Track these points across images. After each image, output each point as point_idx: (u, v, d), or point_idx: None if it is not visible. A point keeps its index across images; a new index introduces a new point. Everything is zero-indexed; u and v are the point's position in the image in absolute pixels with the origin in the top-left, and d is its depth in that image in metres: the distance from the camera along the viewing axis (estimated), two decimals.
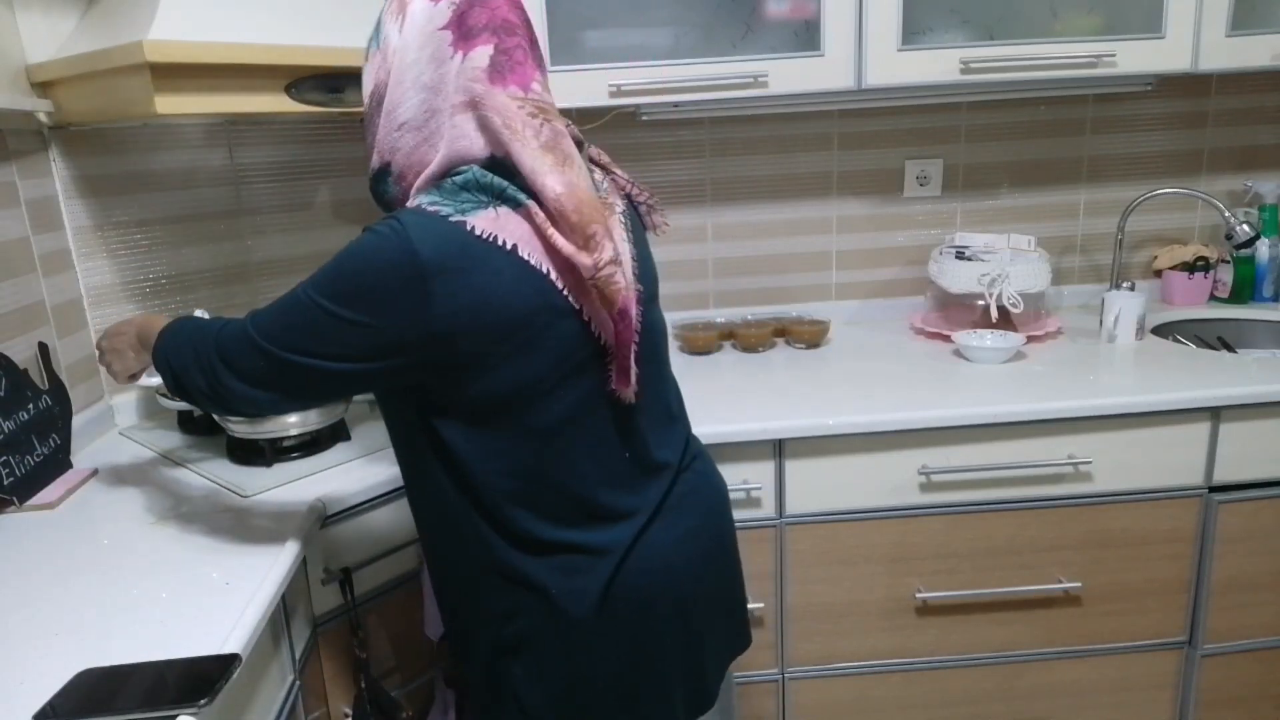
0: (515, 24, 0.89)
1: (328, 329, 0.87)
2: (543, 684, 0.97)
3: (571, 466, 0.94)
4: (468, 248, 0.84)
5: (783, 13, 1.62)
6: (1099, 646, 1.62)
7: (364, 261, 0.85)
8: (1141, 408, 1.49)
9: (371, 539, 1.29)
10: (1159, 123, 2.04)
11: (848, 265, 2.09)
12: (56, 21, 1.43)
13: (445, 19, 0.87)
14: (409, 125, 0.89)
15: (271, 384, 0.91)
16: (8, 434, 1.25)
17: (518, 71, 0.87)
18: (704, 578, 1.04)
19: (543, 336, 0.88)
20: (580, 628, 0.95)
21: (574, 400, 0.92)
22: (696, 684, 1.04)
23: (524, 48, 0.89)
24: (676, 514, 1.02)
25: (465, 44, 0.87)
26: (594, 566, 0.95)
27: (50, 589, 1.00)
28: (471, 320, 0.84)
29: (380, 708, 1.26)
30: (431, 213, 0.85)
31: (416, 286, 0.83)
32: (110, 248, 1.57)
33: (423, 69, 0.88)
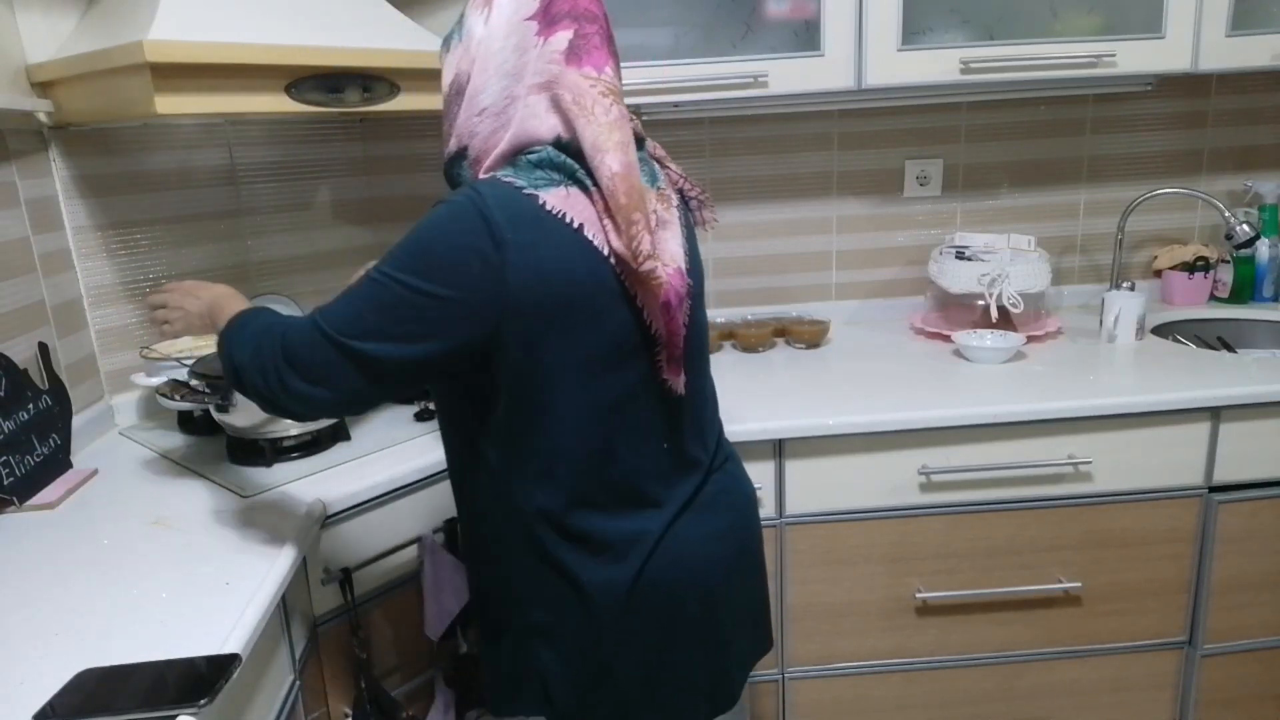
0: (595, 14, 0.93)
1: (405, 306, 0.87)
2: (569, 669, 0.98)
3: (613, 452, 0.95)
4: (539, 220, 0.88)
5: (783, 13, 1.62)
6: (1099, 646, 1.62)
7: (441, 231, 0.87)
8: (1141, 408, 1.49)
9: (371, 539, 1.29)
10: (1159, 123, 2.04)
11: (848, 265, 2.09)
12: (56, 21, 1.43)
13: (532, 9, 0.91)
14: (489, 111, 0.93)
15: (334, 381, 0.91)
16: (8, 434, 1.25)
17: (593, 55, 0.91)
18: (731, 577, 1.05)
19: (600, 318, 0.91)
20: (608, 616, 0.97)
21: (622, 386, 0.94)
22: (720, 682, 1.06)
23: (600, 35, 0.93)
24: (708, 512, 1.04)
25: (548, 30, 0.91)
26: (625, 555, 0.97)
27: (50, 589, 1.00)
28: (542, 291, 0.87)
29: (380, 708, 1.26)
30: (506, 183, 0.89)
31: (492, 253, 0.85)
32: (110, 248, 1.57)
33: (506, 57, 0.91)
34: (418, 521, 1.36)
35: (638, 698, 1.00)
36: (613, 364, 0.93)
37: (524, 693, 1.02)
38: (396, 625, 1.35)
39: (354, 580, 1.24)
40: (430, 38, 1.54)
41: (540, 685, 1.00)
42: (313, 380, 0.91)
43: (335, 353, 0.89)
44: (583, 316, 0.90)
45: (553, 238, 0.88)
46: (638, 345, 0.94)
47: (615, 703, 1.00)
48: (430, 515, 1.37)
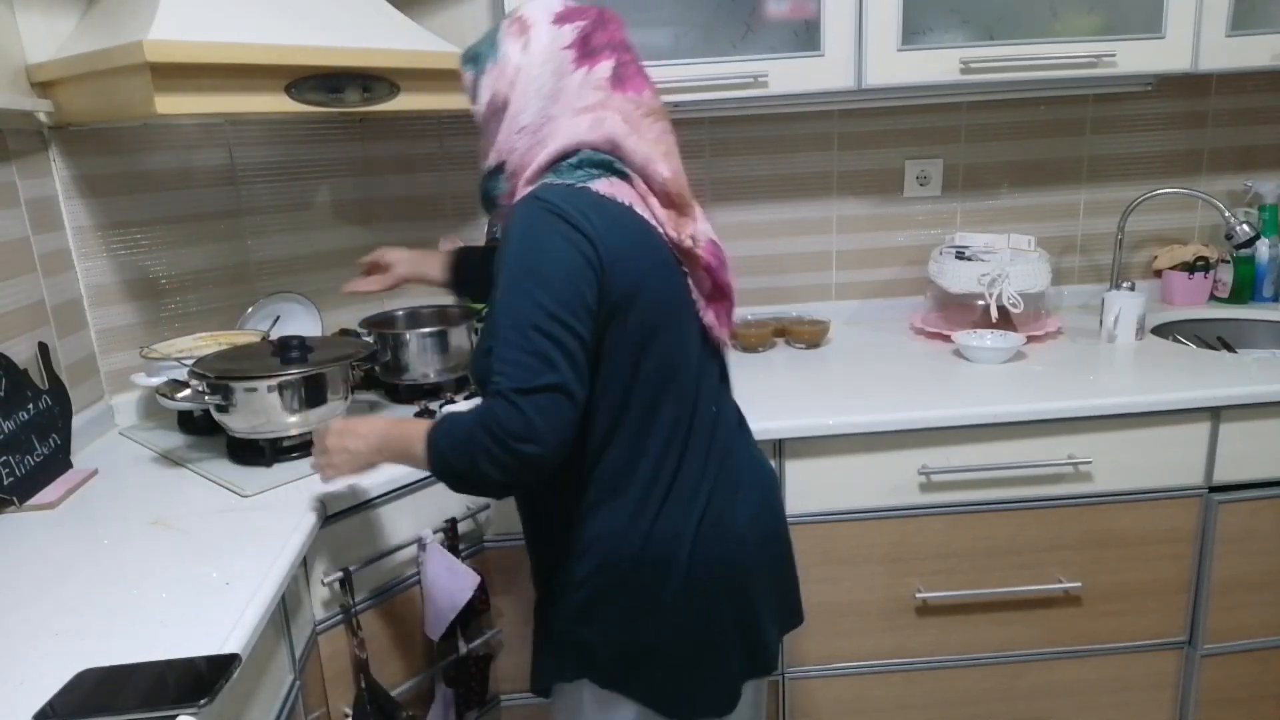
0: (629, 44, 1.07)
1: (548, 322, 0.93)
2: (612, 640, 1.05)
3: (665, 415, 1.03)
4: (598, 204, 0.99)
5: (783, 13, 1.62)
6: (1099, 646, 1.62)
7: (529, 238, 0.97)
8: (1141, 408, 1.49)
9: (371, 539, 1.30)
10: (1159, 123, 2.04)
11: (848, 265, 2.09)
12: (56, 21, 1.43)
13: (569, 40, 1.03)
14: (528, 129, 1.04)
15: (565, 418, 0.94)
16: (8, 434, 1.25)
17: (634, 80, 1.04)
18: (763, 550, 1.12)
19: (663, 281, 1.02)
20: (651, 588, 1.03)
21: (677, 348, 1.04)
22: (753, 646, 1.12)
23: (635, 64, 1.06)
24: (744, 486, 1.11)
25: (590, 60, 1.03)
26: (670, 527, 1.03)
27: (50, 589, 1.00)
28: (619, 260, 0.98)
29: (380, 708, 1.26)
30: (558, 184, 1.00)
31: (575, 234, 0.96)
32: (110, 248, 1.57)
33: (545, 81, 1.02)
34: (418, 521, 1.36)
35: (675, 669, 1.06)
36: (674, 323, 1.04)
37: (566, 663, 1.08)
38: (396, 625, 1.35)
39: (354, 580, 1.24)
40: (430, 38, 1.54)
41: (583, 651, 1.07)
42: (530, 440, 0.91)
43: (527, 402, 0.91)
44: (655, 276, 1.01)
45: (614, 216, 0.99)
46: (688, 307, 1.06)
47: (655, 672, 1.06)
48: (430, 515, 1.37)
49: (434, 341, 1.63)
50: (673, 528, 1.04)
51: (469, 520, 1.44)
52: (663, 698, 1.07)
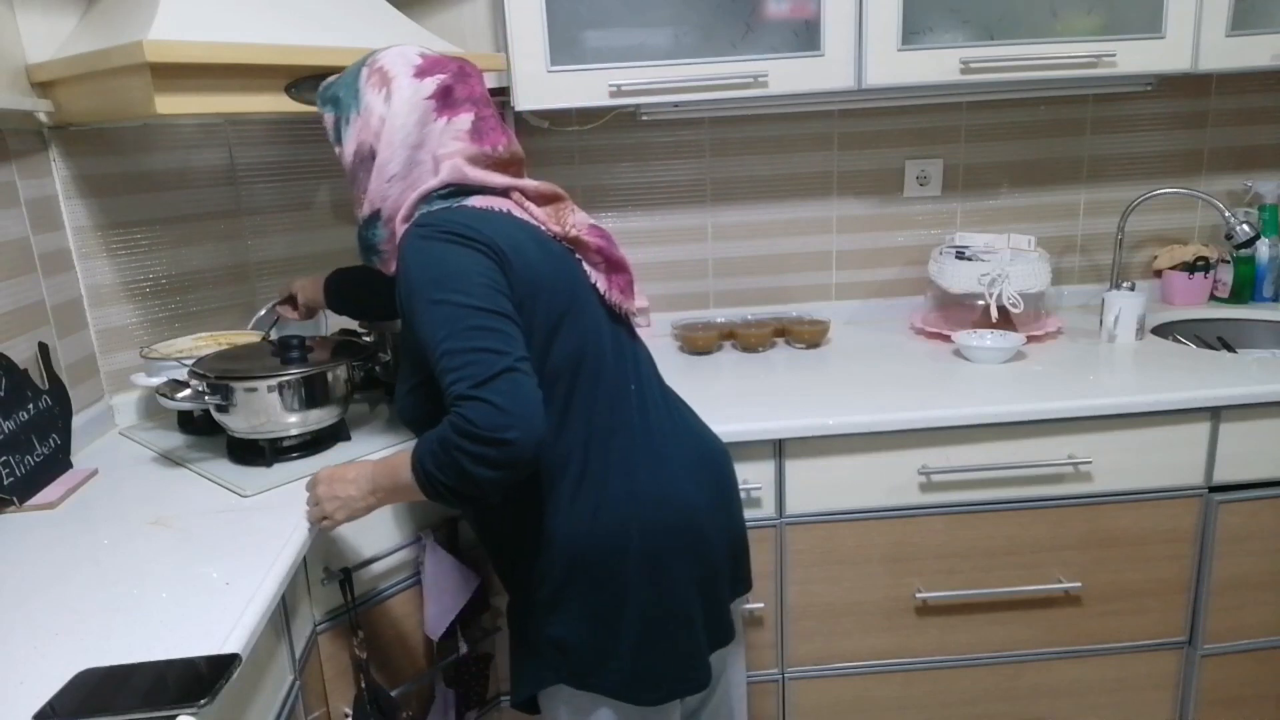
0: (487, 99, 1.13)
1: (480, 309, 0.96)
2: (578, 631, 1.07)
3: (586, 403, 1.06)
4: (479, 217, 1.04)
5: (783, 13, 1.62)
6: (1099, 646, 1.62)
7: (425, 262, 1.00)
8: (1141, 408, 1.49)
9: (371, 539, 1.29)
10: (1159, 123, 2.04)
11: (848, 265, 2.09)
12: (56, 21, 1.43)
13: (431, 90, 1.07)
14: (396, 177, 1.08)
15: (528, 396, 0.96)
16: (8, 434, 1.25)
17: (491, 136, 1.10)
18: (715, 520, 1.14)
19: (559, 270, 1.06)
20: (604, 571, 1.05)
21: (586, 332, 1.07)
22: (718, 615, 1.15)
23: (494, 116, 1.12)
24: (689, 462, 1.13)
25: (450, 111, 1.08)
26: (613, 510, 1.05)
27: (50, 589, 1.00)
28: (515, 252, 1.02)
29: (380, 708, 1.26)
30: (435, 210, 1.06)
31: (468, 241, 1.00)
32: (110, 248, 1.57)
33: (410, 131, 1.07)
34: (418, 521, 1.36)
35: (646, 646, 1.07)
36: (578, 310, 1.07)
37: (543, 664, 1.10)
38: (396, 625, 1.35)
39: (354, 580, 1.24)
40: (431, 38, 1.54)
41: (555, 651, 1.08)
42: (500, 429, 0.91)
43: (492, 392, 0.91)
44: (550, 267, 1.05)
45: (497, 225, 1.04)
46: (589, 291, 1.10)
47: (626, 652, 1.06)
48: (430, 515, 1.37)
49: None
50: (617, 506, 1.06)
51: None
52: (637, 684, 1.07)
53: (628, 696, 1.08)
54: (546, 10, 1.58)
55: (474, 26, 1.72)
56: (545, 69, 1.60)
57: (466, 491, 0.95)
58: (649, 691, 1.08)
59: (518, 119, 1.92)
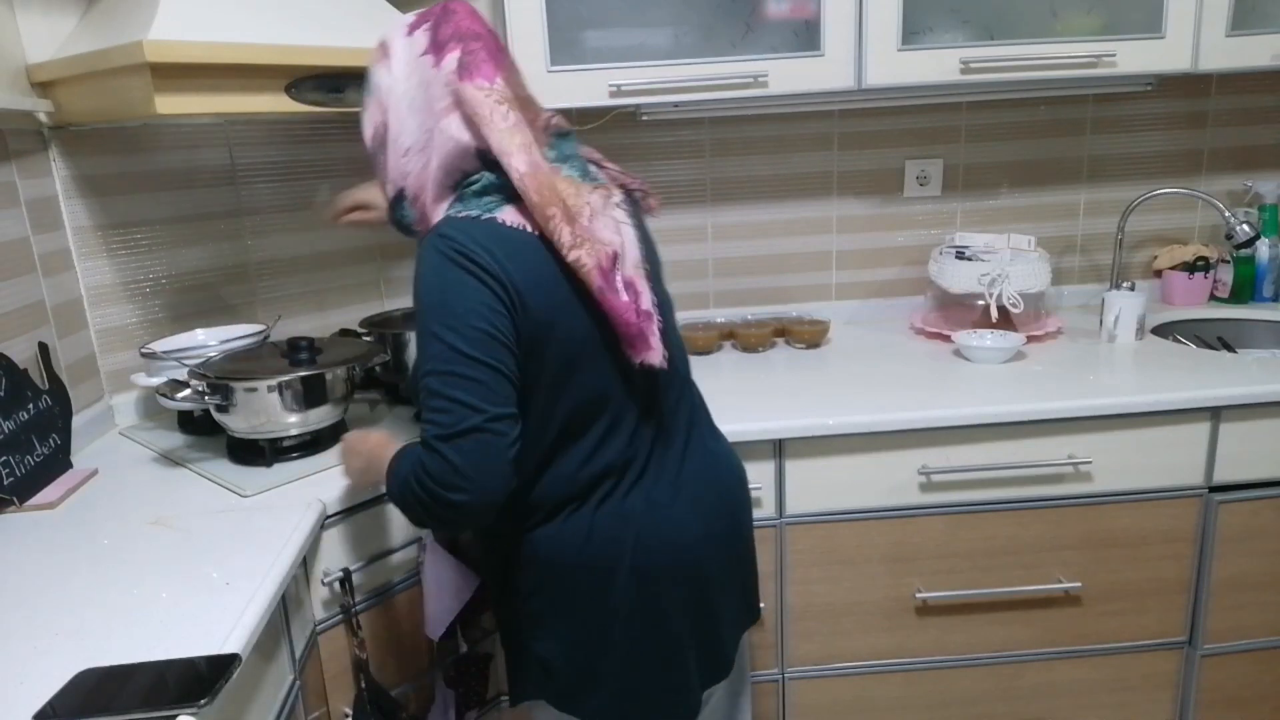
0: (478, 32, 1.00)
1: (469, 354, 0.92)
2: (564, 652, 1.05)
3: (596, 434, 1.02)
4: (505, 238, 0.96)
5: (783, 13, 1.62)
6: (1099, 646, 1.62)
7: (435, 280, 0.94)
8: (1141, 408, 1.49)
9: (371, 539, 1.30)
10: (1159, 123, 2.04)
11: (848, 265, 2.09)
12: (56, 21, 1.43)
13: (424, 45, 0.99)
14: (413, 149, 1.01)
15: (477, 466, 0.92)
16: (8, 434, 1.25)
17: (481, 68, 0.98)
18: (720, 550, 1.11)
19: (573, 314, 0.98)
20: (597, 597, 1.03)
21: (600, 378, 1.01)
22: (712, 650, 1.12)
23: (486, 50, 0.99)
24: (692, 488, 1.09)
25: (439, 55, 0.99)
26: (611, 537, 1.03)
27: (50, 589, 1.00)
28: (532, 292, 0.95)
29: (380, 708, 1.26)
30: (463, 218, 0.97)
31: (481, 273, 0.93)
32: (110, 248, 1.57)
33: (414, 95, 0.99)
34: None
35: (631, 674, 1.05)
36: (591, 352, 1.00)
37: (528, 678, 1.10)
38: (396, 625, 1.35)
39: (354, 580, 1.24)
40: None
41: (540, 669, 1.07)
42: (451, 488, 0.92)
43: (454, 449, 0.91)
44: (565, 311, 0.97)
45: (521, 248, 0.96)
46: (603, 332, 1.00)
47: (609, 677, 1.05)
48: None
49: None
50: (613, 535, 1.03)
51: None
52: (611, 712, 1.06)
53: None
54: (546, 10, 1.58)
55: None
56: (545, 69, 1.60)
57: (426, 525, 0.99)
58: None
59: None
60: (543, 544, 1.04)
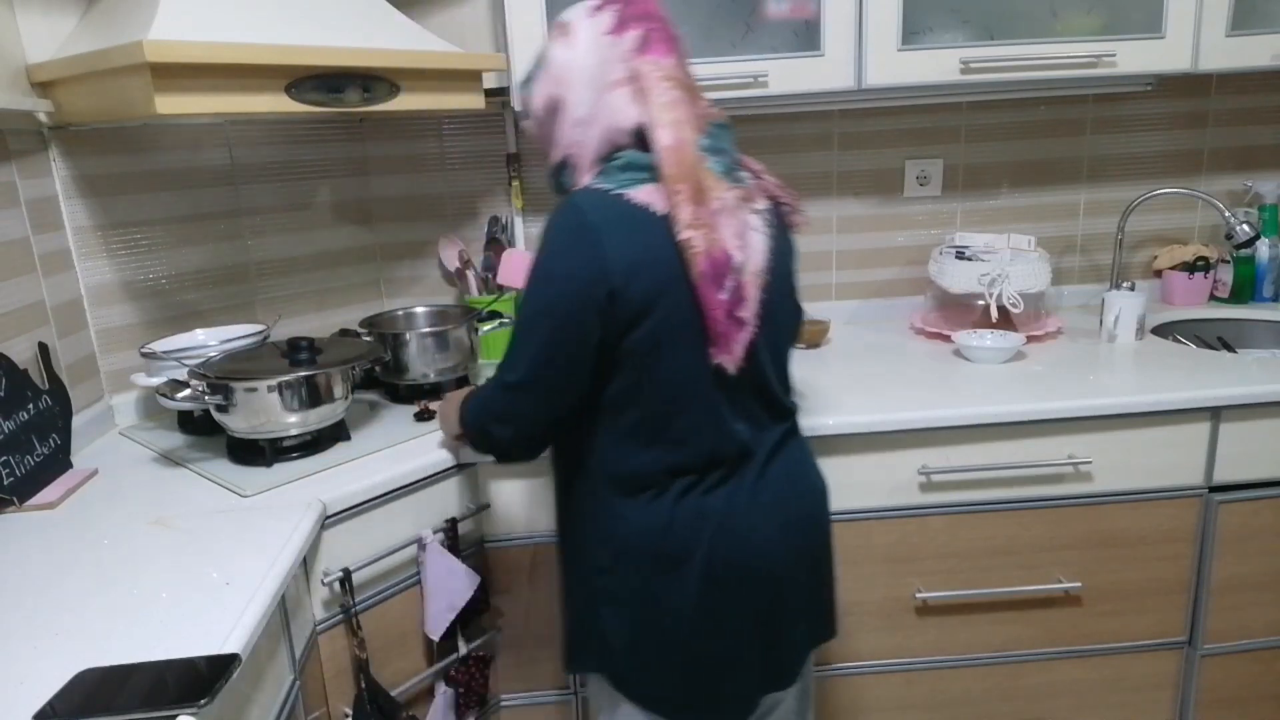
0: (657, 14, 1.07)
1: (540, 327, 1.02)
2: (627, 631, 1.08)
3: (685, 424, 1.05)
4: (628, 214, 1.00)
5: (783, 13, 1.62)
6: (1099, 646, 1.62)
7: (550, 244, 1.02)
8: (1141, 408, 1.49)
9: (371, 539, 1.30)
10: (1159, 123, 2.04)
11: (848, 265, 2.09)
12: (56, 21, 1.43)
13: (608, 24, 1.05)
14: (582, 120, 1.06)
15: (516, 419, 1.09)
16: (8, 434, 1.25)
17: (656, 46, 1.04)
18: (797, 562, 1.12)
19: (680, 294, 1.00)
20: (667, 583, 1.05)
21: (697, 364, 1.03)
22: (776, 659, 1.12)
23: (661, 31, 1.05)
24: (773, 496, 1.10)
25: (620, 33, 1.04)
26: (689, 528, 1.05)
27: (50, 589, 1.00)
28: (637, 270, 0.98)
29: (380, 708, 1.26)
30: (596, 189, 1.02)
31: (591, 241, 0.98)
32: (110, 248, 1.57)
33: (592, 71, 1.05)
34: (418, 521, 1.36)
35: (690, 664, 1.07)
36: (692, 338, 1.02)
37: (589, 649, 1.12)
38: (396, 625, 1.35)
39: (354, 580, 1.24)
40: (430, 38, 1.54)
41: (601, 642, 1.10)
42: (502, 422, 1.10)
43: (507, 394, 1.07)
44: (671, 292, 1.00)
45: (643, 226, 0.99)
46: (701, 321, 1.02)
47: (668, 667, 1.07)
48: (430, 515, 1.37)
49: (434, 341, 1.63)
50: (691, 530, 1.05)
51: (469, 520, 1.44)
52: (665, 703, 1.08)
53: (657, 709, 1.09)
54: (546, 10, 1.58)
55: (474, 26, 1.72)
56: None
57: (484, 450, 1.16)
58: (679, 713, 1.09)
59: (517, 119, 1.93)
60: (622, 525, 1.07)
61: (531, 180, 1.98)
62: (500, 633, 1.52)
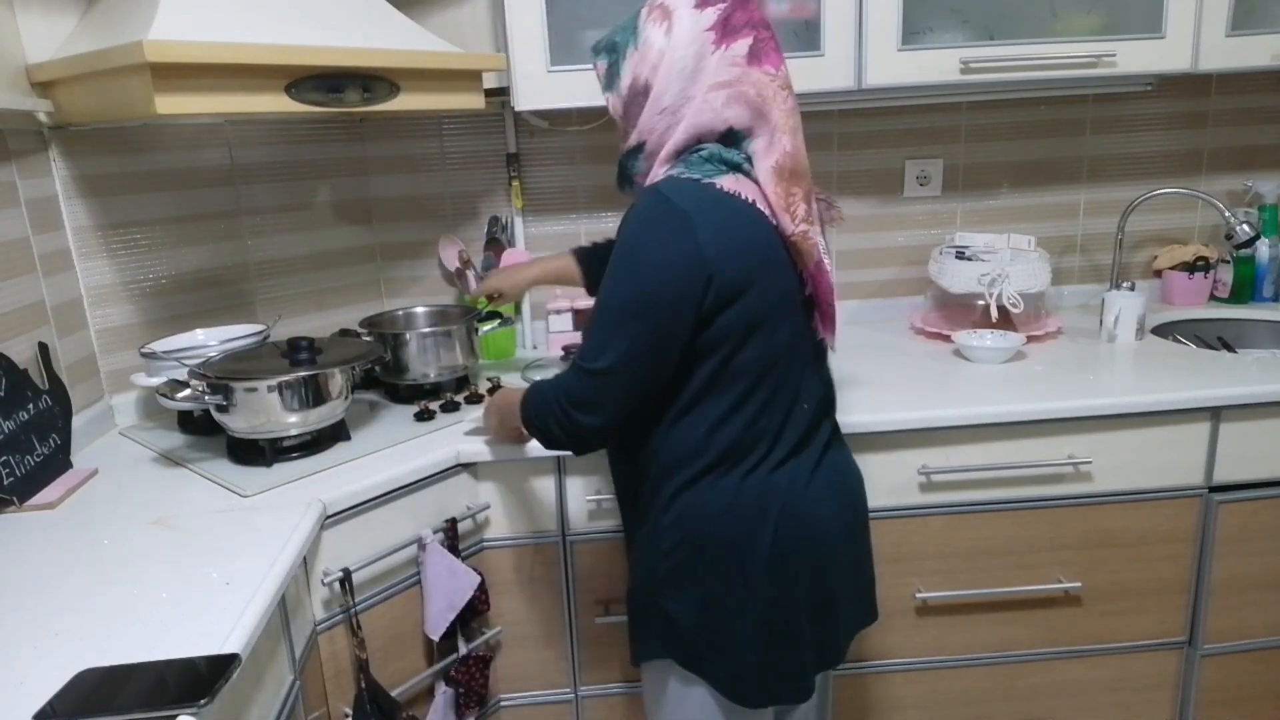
0: (766, 22, 1.08)
1: (630, 314, 1.03)
2: (693, 615, 1.09)
3: (763, 406, 1.07)
4: (718, 200, 1.03)
5: (783, 12, 1.62)
6: (1099, 646, 1.62)
7: (641, 236, 1.03)
8: (1141, 408, 1.49)
9: (371, 539, 1.30)
10: (1159, 123, 2.04)
11: (848, 265, 2.09)
12: (56, 21, 1.43)
13: (711, 22, 1.05)
14: (667, 110, 1.07)
15: (602, 405, 1.08)
16: (8, 434, 1.25)
17: (771, 56, 1.06)
18: (846, 546, 1.15)
19: (773, 278, 1.05)
20: (731, 566, 1.07)
21: (779, 343, 1.06)
22: (827, 636, 1.15)
23: (773, 40, 1.07)
24: (830, 482, 1.14)
25: (729, 39, 1.05)
26: (754, 510, 1.07)
27: (50, 589, 1.00)
28: (731, 256, 1.01)
29: (380, 708, 1.26)
30: (683, 179, 1.04)
31: (684, 227, 1.00)
32: (110, 248, 1.57)
33: (687, 63, 1.05)
34: (418, 521, 1.36)
35: (758, 646, 1.08)
36: (777, 321, 1.06)
37: (655, 634, 1.13)
38: (396, 625, 1.35)
39: (354, 580, 1.24)
40: (430, 38, 1.54)
41: (669, 626, 1.11)
42: (588, 410, 1.08)
43: (592, 380, 1.06)
44: (765, 274, 1.04)
45: (733, 213, 1.03)
46: (797, 306, 1.08)
47: (740, 644, 1.08)
48: (430, 515, 1.37)
49: (434, 341, 1.63)
50: (757, 507, 1.07)
51: (469, 520, 1.44)
52: (739, 681, 1.10)
53: (730, 693, 1.10)
54: (546, 10, 1.58)
55: (474, 26, 1.72)
56: (545, 69, 1.60)
57: (549, 442, 1.15)
58: (752, 694, 1.10)
59: (517, 119, 1.93)
60: (685, 504, 1.08)
61: (531, 180, 1.98)
62: (500, 632, 1.52)
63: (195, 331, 1.64)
